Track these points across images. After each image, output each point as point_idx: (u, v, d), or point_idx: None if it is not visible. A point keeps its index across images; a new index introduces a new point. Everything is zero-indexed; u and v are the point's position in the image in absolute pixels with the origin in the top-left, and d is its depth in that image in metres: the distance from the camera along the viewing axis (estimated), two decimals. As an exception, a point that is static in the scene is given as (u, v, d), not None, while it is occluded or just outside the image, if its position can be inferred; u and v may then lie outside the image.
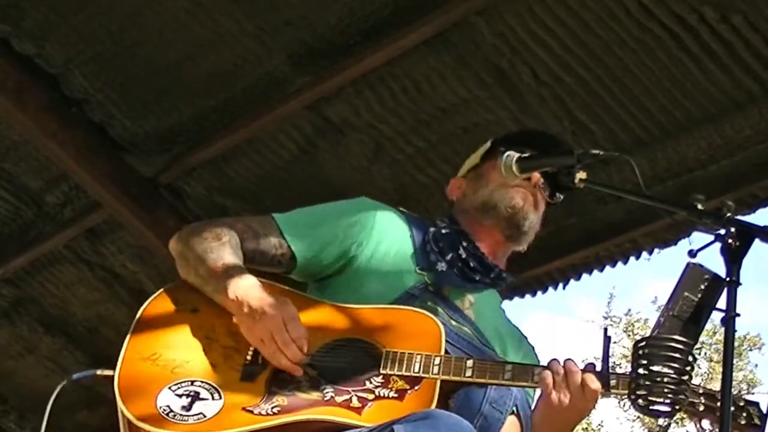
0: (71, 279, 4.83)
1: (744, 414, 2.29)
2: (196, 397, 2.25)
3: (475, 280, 2.59)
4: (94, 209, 4.43)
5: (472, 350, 2.46)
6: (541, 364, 2.56)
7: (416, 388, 2.27)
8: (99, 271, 4.74)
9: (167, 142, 4.16)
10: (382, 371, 2.30)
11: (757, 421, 2.28)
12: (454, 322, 2.49)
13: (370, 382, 2.28)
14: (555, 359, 2.33)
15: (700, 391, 2.25)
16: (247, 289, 2.37)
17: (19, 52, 3.88)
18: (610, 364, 2.31)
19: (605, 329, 2.33)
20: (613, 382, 2.29)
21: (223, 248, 2.45)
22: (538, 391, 2.39)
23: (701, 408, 2.26)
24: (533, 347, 2.75)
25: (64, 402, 2.41)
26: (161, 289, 2.49)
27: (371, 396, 2.25)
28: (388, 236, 2.57)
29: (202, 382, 2.28)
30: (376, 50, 3.63)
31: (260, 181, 4.19)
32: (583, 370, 2.29)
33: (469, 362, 2.33)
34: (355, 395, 2.25)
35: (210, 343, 2.37)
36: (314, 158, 4.07)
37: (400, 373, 2.29)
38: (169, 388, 2.26)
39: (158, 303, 2.46)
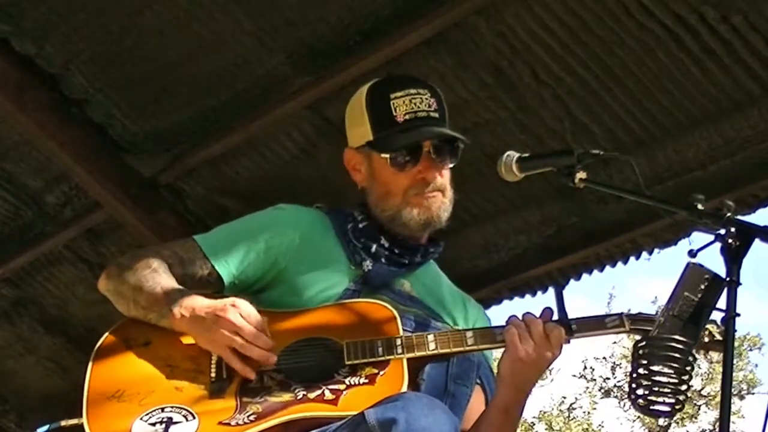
0: (71, 279, 4.83)
1: (707, 332, 2.36)
2: (169, 422, 2.23)
3: (405, 264, 2.59)
4: (94, 209, 4.43)
5: (426, 330, 2.47)
6: (496, 325, 2.59)
7: (385, 370, 2.29)
8: (99, 271, 4.65)
9: (167, 142, 4.16)
10: (347, 362, 2.31)
11: (718, 336, 2.36)
12: (402, 307, 2.50)
13: (339, 375, 2.30)
14: (514, 315, 2.36)
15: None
16: (192, 302, 2.36)
17: (19, 52, 3.88)
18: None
19: (555, 283, 2.37)
20: (574, 327, 2.35)
21: (156, 275, 2.44)
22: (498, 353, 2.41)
23: (706, 339, 2.35)
24: (481, 307, 2.77)
25: (64, 404, 2.40)
26: (107, 332, 2.47)
27: (343, 386, 2.27)
28: (313, 239, 2.57)
29: (172, 407, 2.27)
30: (376, 50, 3.63)
31: (260, 181, 4.19)
32: (543, 320, 2.33)
33: (430, 336, 2.36)
34: (327, 389, 2.26)
35: (172, 370, 2.36)
36: (314, 158, 4.07)
37: (365, 360, 2.31)
38: (141, 419, 2.25)
39: (109, 345, 2.44)
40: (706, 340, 2.37)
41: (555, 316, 2.39)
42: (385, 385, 2.25)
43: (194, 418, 2.24)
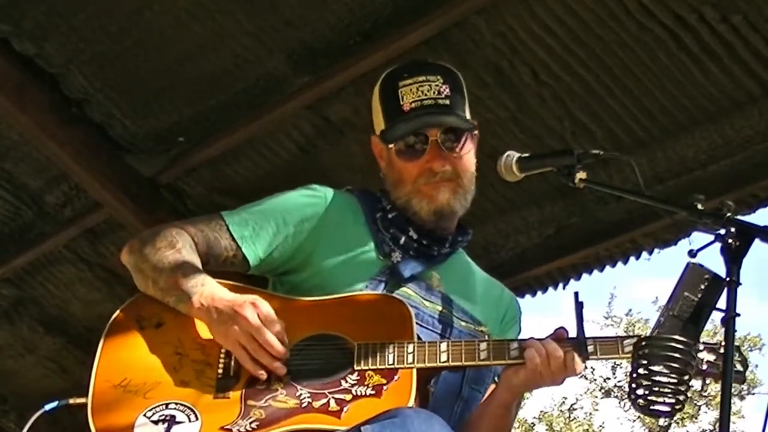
0: (71, 279, 4.83)
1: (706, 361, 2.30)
2: (172, 421, 2.20)
3: (434, 255, 2.56)
4: (94, 209, 4.43)
5: (448, 330, 2.46)
6: (519, 332, 2.62)
7: (394, 379, 2.25)
8: (99, 271, 4.74)
9: (167, 142, 4.16)
10: (356, 368, 2.27)
11: (739, 366, 2.32)
12: (427, 303, 2.48)
13: (346, 381, 2.26)
14: (532, 338, 2.33)
15: (701, 348, 2.26)
16: (213, 293, 2.32)
17: (19, 52, 3.88)
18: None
19: (576, 293, 2.33)
20: (590, 348, 2.31)
21: (179, 255, 2.39)
22: None
23: (704, 366, 2.28)
24: (513, 299, 2.74)
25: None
26: (120, 308, 2.43)
27: (348, 396, 2.23)
28: (343, 225, 2.54)
29: (176, 404, 2.24)
30: (376, 50, 3.63)
31: (260, 181, 4.19)
32: (564, 350, 2.28)
33: (443, 345, 2.31)
34: (332, 398, 2.22)
35: (180, 359, 2.32)
36: (314, 158, 4.07)
37: (374, 367, 2.26)
38: (144, 414, 2.22)
39: (121, 323, 2.41)
40: (704, 366, 2.32)
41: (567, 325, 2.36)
42: (391, 398, 2.21)
43: (197, 419, 2.22)
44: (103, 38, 3.81)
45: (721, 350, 2.31)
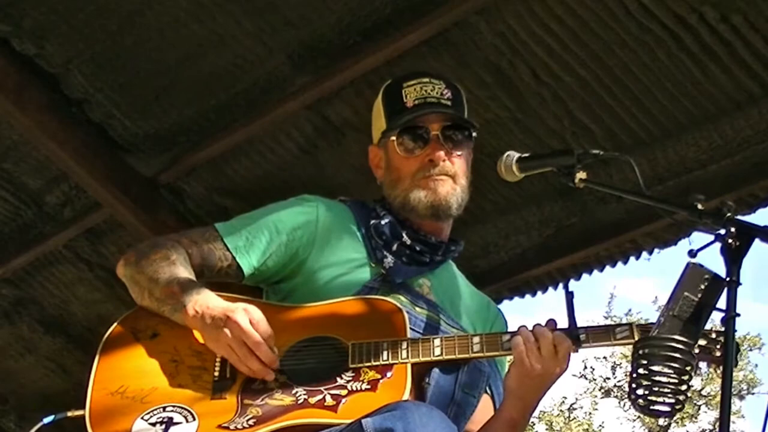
0: (71, 279, 4.83)
1: (718, 346, 2.32)
2: (170, 422, 2.23)
3: (426, 262, 2.59)
4: (94, 209, 4.43)
5: (438, 334, 2.46)
6: (508, 330, 2.58)
7: (388, 375, 2.27)
8: (99, 271, 4.74)
9: (167, 142, 4.16)
10: (351, 365, 2.30)
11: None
12: (418, 309, 2.50)
13: (341, 378, 2.28)
14: (523, 326, 2.33)
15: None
16: (206, 301, 2.35)
17: (19, 52, 3.88)
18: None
19: (566, 284, 2.35)
20: (582, 337, 2.31)
21: (174, 267, 2.43)
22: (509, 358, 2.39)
23: (697, 350, 2.26)
24: (499, 311, 2.77)
25: (64, 404, 2.40)
26: (116, 322, 2.46)
27: (344, 392, 2.25)
28: (335, 233, 2.57)
29: (173, 406, 2.27)
30: (376, 50, 3.63)
31: (260, 181, 4.19)
32: (553, 331, 2.29)
33: (437, 341, 2.33)
34: (328, 393, 2.25)
35: (176, 365, 2.35)
36: (314, 158, 4.07)
37: (369, 364, 2.29)
38: (142, 418, 2.24)
39: (117, 336, 2.44)
40: (697, 350, 2.32)
41: (561, 321, 2.36)
42: (387, 391, 2.23)
43: (194, 419, 2.23)
44: (103, 38, 3.81)
45: (713, 335, 2.33)
